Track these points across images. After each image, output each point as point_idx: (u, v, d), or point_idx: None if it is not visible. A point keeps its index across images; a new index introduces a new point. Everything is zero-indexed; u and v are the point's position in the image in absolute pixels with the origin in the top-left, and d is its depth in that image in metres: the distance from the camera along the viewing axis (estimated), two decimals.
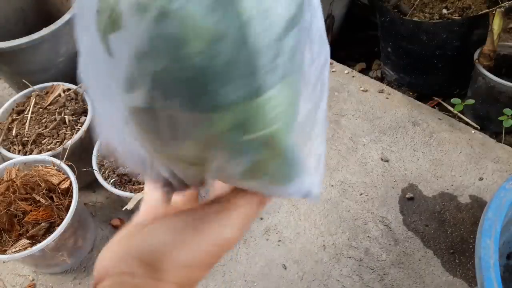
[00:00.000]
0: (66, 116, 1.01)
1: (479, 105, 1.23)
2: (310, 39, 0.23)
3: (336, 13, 1.49)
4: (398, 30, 1.29)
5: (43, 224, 0.82)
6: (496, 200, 0.71)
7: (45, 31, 1.06)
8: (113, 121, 0.23)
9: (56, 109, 1.02)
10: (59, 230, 0.81)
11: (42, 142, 0.98)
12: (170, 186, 0.28)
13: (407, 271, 0.97)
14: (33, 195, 0.84)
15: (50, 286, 0.97)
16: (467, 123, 1.28)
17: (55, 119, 1.00)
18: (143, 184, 0.90)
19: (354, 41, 1.64)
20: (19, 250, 0.80)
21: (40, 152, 0.96)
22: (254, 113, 0.21)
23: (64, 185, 0.88)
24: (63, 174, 0.90)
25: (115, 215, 1.07)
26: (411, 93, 1.40)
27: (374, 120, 1.27)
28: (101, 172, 0.93)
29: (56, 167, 0.91)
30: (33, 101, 1.04)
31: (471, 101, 1.22)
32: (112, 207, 1.09)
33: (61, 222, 0.83)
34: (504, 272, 0.81)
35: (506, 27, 1.45)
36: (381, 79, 1.47)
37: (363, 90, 1.35)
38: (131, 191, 0.88)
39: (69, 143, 0.95)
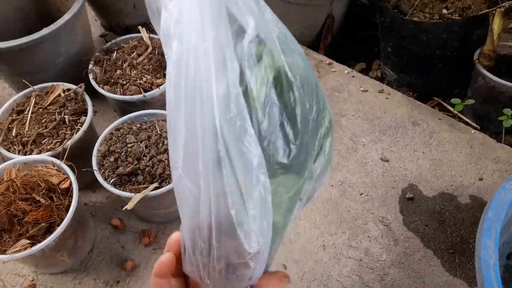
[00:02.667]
0: (66, 116, 1.01)
1: (479, 105, 1.23)
2: None
3: (336, 13, 1.49)
4: (398, 30, 1.29)
5: (43, 224, 0.82)
6: (496, 200, 0.71)
7: (45, 31, 1.06)
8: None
9: (56, 109, 1.02)
10: (59, 230, 0.81)
11: (42, 142, 0.98)
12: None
13: (407, 271, 0.97)
14: (33, 195, 0.84)
15: (50, 286, 0.97)
16: (467, 123, 1.28)
17: (55, 119, 1.00)
18: (143, 184, 0.90)
19: (354, 41, 1.64)
20: (19, 250, 0.80)
21: (40, 152, 0.96)
22: (328, 109, 0.35)
23: (64, 185, 0.88)
24: (63, 174, 0.90)
25: (115, 215, 1.07)
26: (411, 93, 1.40)
27: (374, 120, 1.27)
28: (101, 172, 0.93)
29: (56, 167, 0.91)
30: (33, 101, 1.04)
31: (471, 101, 1.22)
32: (112, 207, 1.09)
33: (61, 222, 0.83)
34: (504, 272, 0.81)
35: (506, 27, 1.45)
36: (381, 79, 1.47)
37: (363, 90, 1.36)
38: (131, 191, 0.88)
39: (69, 143, 0.95)
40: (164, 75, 1.13)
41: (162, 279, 0.36)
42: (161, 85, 1.08)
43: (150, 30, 1.45)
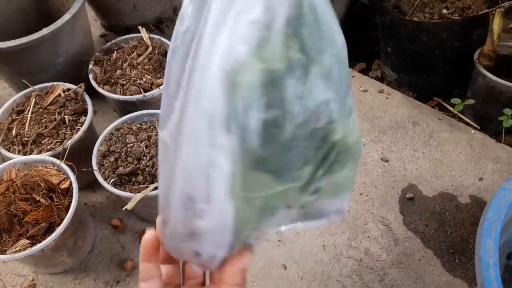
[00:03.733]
0: (66, 116, 1.01)
1: (479, 105, 1.23)
2: None
3: (336, 13, 1.48)
4: (398, 30, 1.29)
5: (43, 224, 0.82)
6: (496, 200, 0.71)
7: (45, 31, 1.06)
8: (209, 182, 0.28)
9: (56, 109, 1.02)
10: (59, 230, 0.81)
11: (42, 142, 0.98)
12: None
13: (407, 271, 0.97)
14: (33, 195, 0.84)
15: (50, 286, 0.97)
16: (467, 123, 1.28)
17: (55, 119, 1.00)
18: (143, 184, 0.90)
19: (354, 41, 1.64)
20: (19, 250, 0.80)
21: (40, 152, 0.96)
22: (348, 125, 0.31)
23: (64, 185, 0.88)
24: (63, 174, 0.90)
25: (115, 215, 1.07)
26: (411, 93, 1.40)
27: (374, 120, 1.27)
28: (101, 172, 0.93)
29: (56, 167, 0.91)
30: (33, 101, 1.04)
31: (471, 101, 1.22)
32: (112, 207, 1.09)
33: (61, 222, 0.83)
34: (504, 272, 0.81)
35: (506, 27, 1.45)
36: (381, 79, 1.47)
37: (363, 90, 1.36)
38: (131, 191, 0.88)
39: (69, 143, 0.95)
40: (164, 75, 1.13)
41: (149, 263, 0.35)
42: (161, 85, 1.08)
43: (150, 30, 1.45)
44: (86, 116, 1.02)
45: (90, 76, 1.12)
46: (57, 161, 0.91)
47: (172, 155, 0.29)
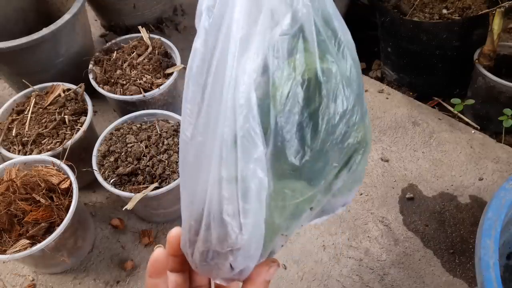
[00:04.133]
0: (66, 116, 1.01)
1: (479, 105, 1.23)
2: None
3: None
4: (398, 30, 1.29)
5: (43, 224, 0.82)
6: (496, 200, 0.71)
7: (45, 31, 1.06)
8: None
9: (56, 109, 1.02)
10: (59, 230, 0.81)
11: (42, 142, 0.98)
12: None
13: (407, 271, 0.97)
14: (33, 195, 0.84)
15: (50, 286, 0.97)
16: (467, 123, 1.28)
17: (55, 119, 1.00)
18: (143, 184, 0.90)
19: (354, 41, 1.64)
20: (19, 250, 0.80)
21: (40, 152, 0.96)
22: (366, 123, 0.32)
23: (64, 185, 0.88)
24: (63, 174, 0.90)
25: (115, 215, 1.07)
26: (411, 93, 1.40)
27: (374, 120, 1.27)
28: (101, 172, 0.93)
29: (56, 167, 0.91)
30: (33, 101, 1.04)
31: (471, 101, 1.22)
32: (112, 207, 1.09)
33: (61, 222, 0.83)
34: (504, 272, 0.81)
35: (506, 27, 1.45)
36: (381, 79, 1.47)
37: None
38: (130, 191, 0.88)
39: (69, 143, 0.95)
40: (164, 75, 1.13)
41: (157, 279, 0.34)
42: (161, 85, 1.08)
43: (150, 30, 1.45)
44: (86, 116, 1.02)
45: (90, 76, 1.12)
46: (57, 161, 0.91)
47: (200, 173, 0.29)
